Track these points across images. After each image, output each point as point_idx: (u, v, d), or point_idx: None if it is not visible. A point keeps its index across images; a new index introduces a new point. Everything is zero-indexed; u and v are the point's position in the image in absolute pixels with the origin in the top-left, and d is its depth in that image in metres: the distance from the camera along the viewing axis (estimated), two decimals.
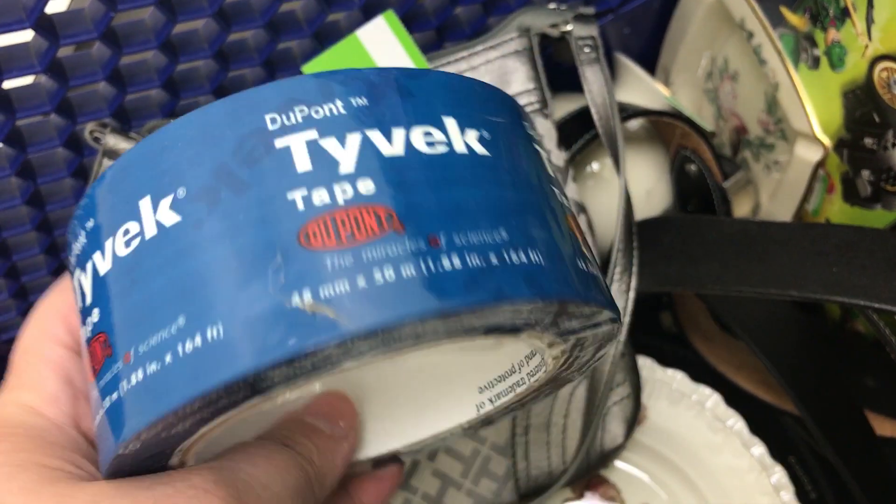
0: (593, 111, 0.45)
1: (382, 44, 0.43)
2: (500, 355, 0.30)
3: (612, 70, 0.57)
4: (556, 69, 0.52)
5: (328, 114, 0.21)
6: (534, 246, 0.22)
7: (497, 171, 0.23)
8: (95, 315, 0.21)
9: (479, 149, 0.22)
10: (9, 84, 0.39)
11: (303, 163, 0.20)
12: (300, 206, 0.20)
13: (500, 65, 0.45)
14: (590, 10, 0.46)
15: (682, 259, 0.40)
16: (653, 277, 0.42)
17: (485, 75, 0.45)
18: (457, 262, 0.20)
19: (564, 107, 0.53)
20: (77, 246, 0.22)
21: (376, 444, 0.33)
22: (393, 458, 0.33)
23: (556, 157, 0.45)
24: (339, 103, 0.21)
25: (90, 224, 0.21)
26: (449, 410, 0.32)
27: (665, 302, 0.58)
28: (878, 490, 0.43)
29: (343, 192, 0.20)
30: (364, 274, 0.20)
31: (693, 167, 0.53)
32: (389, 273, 0.20)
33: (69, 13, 0.38)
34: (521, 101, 0.45)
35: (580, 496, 0.49)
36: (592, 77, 0.45)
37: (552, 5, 0.47)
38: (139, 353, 0.20)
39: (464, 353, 0.31)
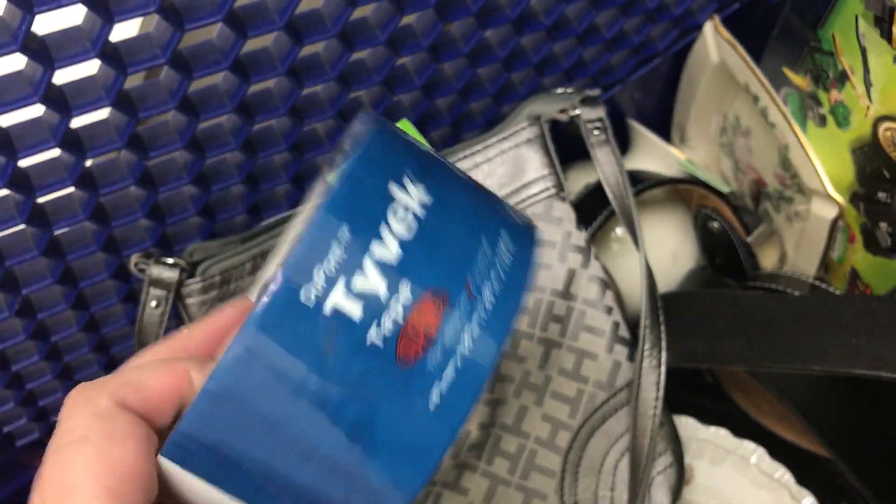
0: (608, 191, 0.46)
1: None
2: None
3: (627, 136, 0.58)
4: (572, 139, 0.54)
5: (336, 260, 0.23)
6: (501, 229, 0.26)
7: (447, 200, 0.25)
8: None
9: (426, 196, 0.25)
10: (59, 231, 0.42)
11: (355, 311, 0.22)
12: (380, 344, 0.22)
13: (515, 154, 0.47)
14: (595, 92, 0.48)
15: (706, 335, 0.42)
16: (680, 353, 0.43)
17: (500, 166, 0.47)
18: (487, 291, 0.24)
19: (581, 177, 0.55)
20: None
21: None
22: None
23: (576, 237, 0.46)
24: (335, 246, 0.23)
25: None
26: None
27: None
28: None
29: (396, 311, 0.23)
30: (454, 350, 0.23)
31: (716, 224, 0.54)
32: (467, 337, 0.23)
33: (105, 166, 0.41)
34: (538, 186, 0.47)
35: None
36: (604, 158, 0.47)
37: (559, 90, 0.49)
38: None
39: None
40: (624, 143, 0.58)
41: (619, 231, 0.55)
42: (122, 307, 0.48)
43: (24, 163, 0.37)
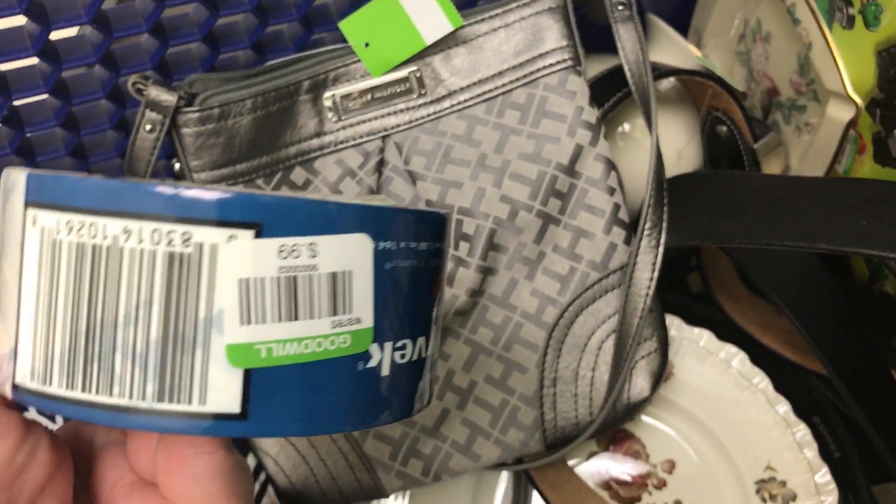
0: (626, 68, 0.45)
1: (418, 0, 0.44)
2: None
3: (645, 31, 0.57)
4: (589, 30, 0.52)
5: None
6: None
7: None
8: None
9: None
10: (56, 35, 0.40)
11: None
12: None
13: (534, 22, 0.46)
14: None
15: (711, 213, 0.41)
16: (682, 232, 0.42)
17: (518, 32, 0.46)
18: None
19: (596, 67, 0.53)
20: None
21: None
22: None
23: (587, 113, 0.45)
24: None
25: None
26: None
27: (693, 263, 0.58)
28: None
29: None
30: None
31: (724, 128, 0.53)
32: None
33: None
34: (555, 57, 0.46)
35: (606, 448, 0.50)
36: (626, 35, 0.46)
37: None
38: None
39: None
40: None
41: (626, 126, 0.54)
42: (113, 135, 0.47)
43: None
